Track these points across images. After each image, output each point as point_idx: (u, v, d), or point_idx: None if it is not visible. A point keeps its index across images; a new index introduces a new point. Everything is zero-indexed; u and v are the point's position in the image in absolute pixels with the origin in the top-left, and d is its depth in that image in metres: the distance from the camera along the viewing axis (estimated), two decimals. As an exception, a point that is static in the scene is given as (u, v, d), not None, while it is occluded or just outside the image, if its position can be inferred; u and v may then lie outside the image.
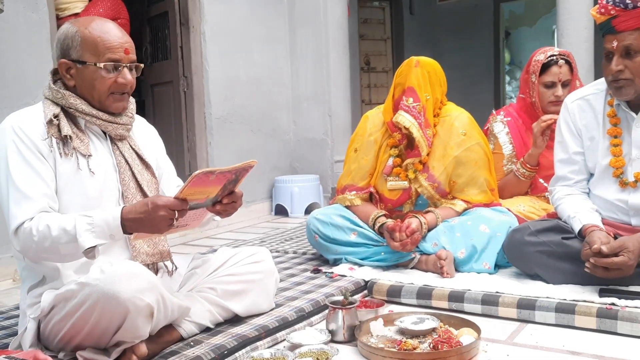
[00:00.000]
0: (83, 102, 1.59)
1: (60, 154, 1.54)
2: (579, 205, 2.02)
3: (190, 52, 4.09)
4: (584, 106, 2.10)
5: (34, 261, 1.51)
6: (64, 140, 1.55)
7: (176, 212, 1.41)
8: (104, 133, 1.66)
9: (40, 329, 1.54)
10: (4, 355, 1.42)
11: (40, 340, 1.56)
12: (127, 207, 1.46)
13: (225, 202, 1.57)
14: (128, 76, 1.60)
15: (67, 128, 1.55)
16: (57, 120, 1.55)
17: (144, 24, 4.46)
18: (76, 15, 3.48)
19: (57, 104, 1.59)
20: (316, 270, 2.41)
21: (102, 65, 1.56)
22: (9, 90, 2.79)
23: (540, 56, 2.60)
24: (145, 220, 1.43)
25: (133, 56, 1.62)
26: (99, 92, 1.58)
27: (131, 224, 1.44)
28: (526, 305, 1.86)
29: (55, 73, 1.65)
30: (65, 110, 1.59)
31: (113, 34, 1.59)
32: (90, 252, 1.43)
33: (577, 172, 2.12)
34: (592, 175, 2.11)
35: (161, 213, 1.40)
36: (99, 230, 1.43)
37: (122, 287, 1.37)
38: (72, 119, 1.60)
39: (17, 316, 1.83)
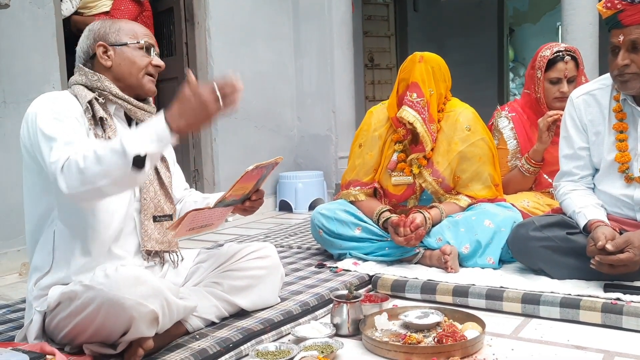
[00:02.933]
0: (115, 87, 1.63)
1: (94, 134, 1.56)
2: (584, 201, 2.02)
3: (195, 48, 4.11)
4: (590, 101, 2.09)
5: (80, 199, 1.42)
6: (97, 122, 1.58)
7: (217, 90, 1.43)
8: (128, 123, 1.69)
9: (46, 322, 1.55)
10: (11, 348, 1.43)
11: (45, 333, 1.56)
12: (166, 112, 1.41)
13: (254, 198, 1.71)
14: (160, 60, 1.69)
15: (101, 111, 1.59)
16: (97, 101, 1.59)
17: (149, 19, 4.47)
18: (106, 13, 3.53)
19: (89, 89, 1.61)
20: (320, 265, 2.42)
21: (143, 41, 1.65)
22: (14, 85, 2.80)
23: (546, 52, 2.59)
24: (187, 106, 1.40)
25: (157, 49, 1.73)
26: (138, 68, 1.64)
27: (175, 119, 1.40)
28: (531, 300, 1.86)
29: (89, 57, 1.65)
30: (97, 96, 1.61)
31: (144, 28, 1.72)
32: (140, 167, 1.35)
33: (582, 167, 2.11)
34: (597, 170, 2.11)
35: (204, 97, 1.39)
36: (145, 135, 1.38)
37: (126, 293, 1.36)
38: (102, 104, 1.62)
39: (23, 309, 1.84)
